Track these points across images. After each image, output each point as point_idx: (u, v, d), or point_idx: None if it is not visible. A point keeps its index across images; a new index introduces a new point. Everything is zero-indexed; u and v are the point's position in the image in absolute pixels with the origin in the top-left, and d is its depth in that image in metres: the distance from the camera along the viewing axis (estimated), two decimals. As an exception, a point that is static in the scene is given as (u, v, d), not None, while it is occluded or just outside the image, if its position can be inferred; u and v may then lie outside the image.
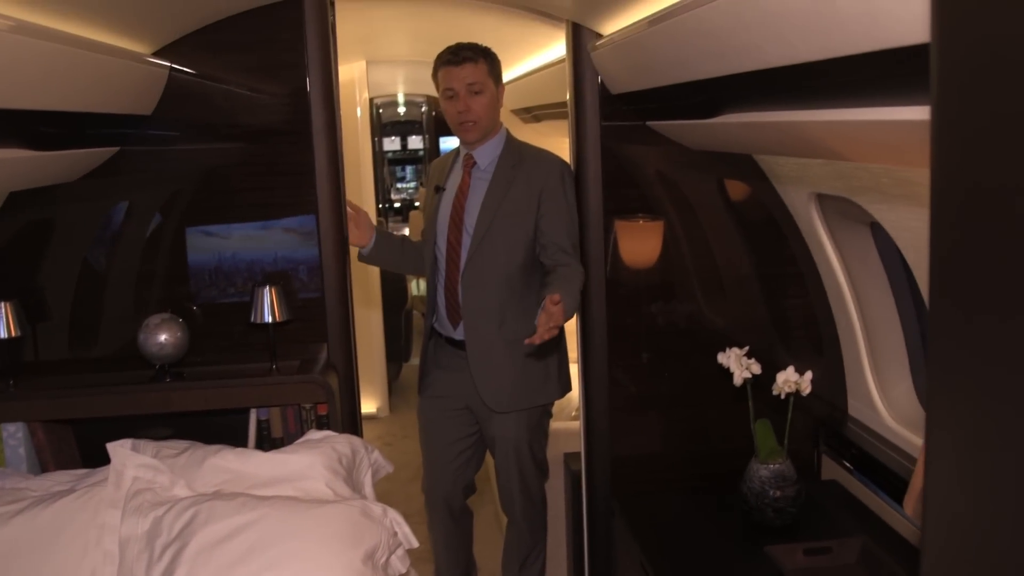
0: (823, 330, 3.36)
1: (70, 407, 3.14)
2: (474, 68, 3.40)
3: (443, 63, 3.44)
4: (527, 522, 3.69)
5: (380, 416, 7.00)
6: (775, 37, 1.87)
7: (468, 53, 3.40)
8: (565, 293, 3.06)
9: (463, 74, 3.40)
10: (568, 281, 3.24)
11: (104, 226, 3.49)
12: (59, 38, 2.21)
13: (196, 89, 3.32)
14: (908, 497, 2.06)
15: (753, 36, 1.97)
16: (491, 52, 3.46)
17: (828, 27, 1.63)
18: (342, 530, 2.64)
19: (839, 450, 3.31)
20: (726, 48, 2.17)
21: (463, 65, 3.40)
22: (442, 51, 3.46)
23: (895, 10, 1.40)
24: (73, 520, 2.67)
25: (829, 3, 1.57)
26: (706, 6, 2.09)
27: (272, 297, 3.23)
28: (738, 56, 2.13)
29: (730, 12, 2.00)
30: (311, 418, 3.25)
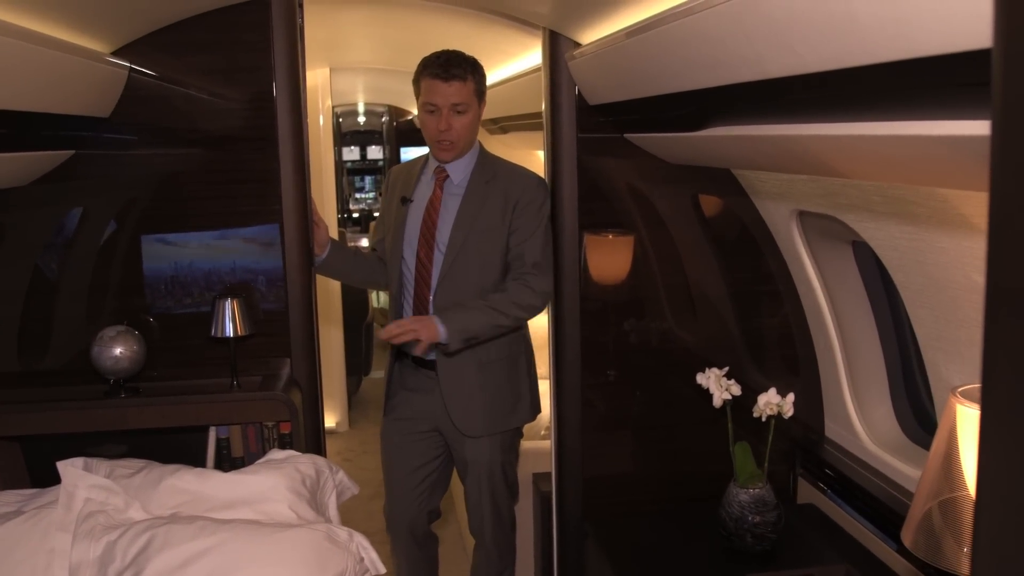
0: (800, 350, 3.32)
1: (19, 423, 3.03)
2: (462, 87, 3.25)
3: (430, 75, 3.27)
4: (496, 545, 3.60)
5: (340, 431, 6.90)
6: (780, 46, 1.79)
7: (459, 71, 3.24)
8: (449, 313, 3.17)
9: (449, 92, 3.25)
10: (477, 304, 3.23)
11: (57, 233, 3.37)
12: (12, 32, 2.11)
13: (156, 91, 3.21)
14: (906, 528, 1.98)
15: (755, 45, 1.89)
16: (479, 67, 3.32)
17: (845, 36, 1.54)
18: (307, 556, 2.54)
19: (816, 473, 3.26)
20: (721, 58, 2.09)
21: (451, 82, 3.24)
22: (429, 59, 3.30)
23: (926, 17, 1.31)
24: (20, 544, 2.57)
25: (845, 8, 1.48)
26: (700, 14, 2.01)
27: (234, 310, 3.14)
28: (734, 66, 2.05)
29: (729, 21, 1.91)
30: (273, 436, 3.16)
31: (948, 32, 1.30)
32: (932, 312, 2.48)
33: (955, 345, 2.42)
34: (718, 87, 2.24)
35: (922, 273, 2.42)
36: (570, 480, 3.55)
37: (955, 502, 1.82)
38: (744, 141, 2.46)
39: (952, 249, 2.22)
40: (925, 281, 2.43)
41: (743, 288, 3.41)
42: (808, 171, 2.44)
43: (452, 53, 3.28)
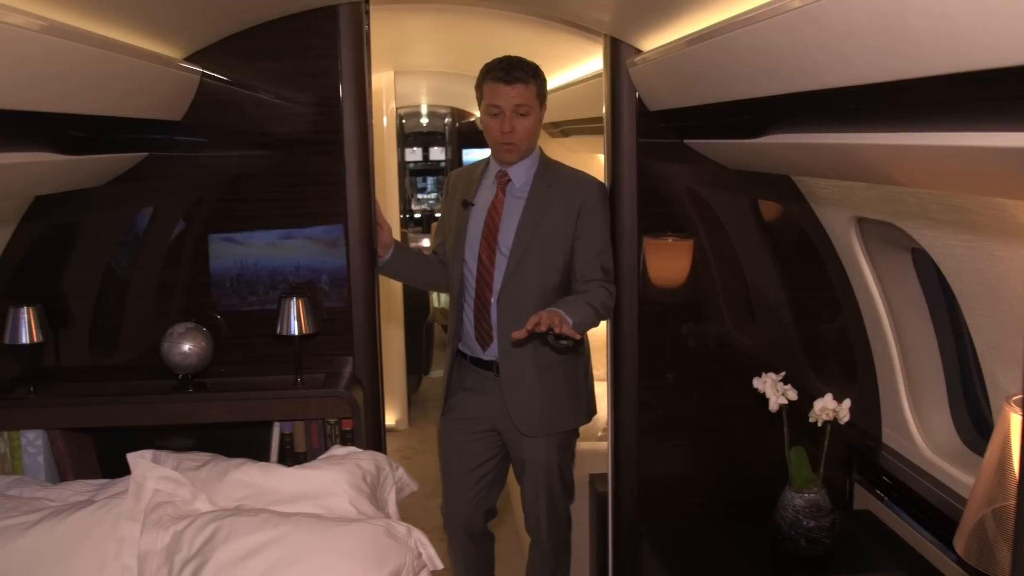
0: (858, 356, 3.31)
1: (92, 416, 3.11)
2: (524, 89, 3.30)
3: (492, 79, 3.33)
4: (551, 544, 3.63)
5: (399, 429, 6.97)
6: (837, 57, 1.81)
7: (521, 74, 3.29)
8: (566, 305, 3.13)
9: (512, 94, 3.30)
10: (580, 300, 3.23)
11: (128, 231, 3.46)
12: (91, 40, 2.17)
13: (227, 96, 3.28)
14: (959, 536, 1.98)
15: (812, 55, 1.91)
16: (540, 72, 3.36)
17: (899, 48, 1.56)
18: (366, 550, 2.58)
19: (873, 480, 3.24)
20: (779, 67, 2.10)
21: (514, 85, 3.29)
22: (492, 64, 3.35)
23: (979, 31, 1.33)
24: (91, 533, 2.63)
25: (900, 21, 1.50)
26: (759, 23, 2.03)
27: (299, 309, 3.20)
28: (793, 76, 2.07)
29: (788, 31, 1.94)
30: (335, 433, 3.20)
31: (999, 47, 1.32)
32: (990, 320, 2.47)
33: (1012, 354, 2.41)
34: (777, 95, 2.26)
35: (980, 281, 2.41)
36: (626, 481, 3.57)
37: (1009, 510, 1.82)
38: (802, 149, 2.47)
39: (1010, 258, 2.22)
40: (983, 289, 2.42)
41: (802, 294, 3.41)
42: (866, 179, 2.44)
43: (514, 58, 3.33)
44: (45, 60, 2.00)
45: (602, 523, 3.80)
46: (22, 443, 3.11)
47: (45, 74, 2.05)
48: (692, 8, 2.48)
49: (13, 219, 3.06)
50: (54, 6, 1.99)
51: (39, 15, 1.90)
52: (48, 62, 2.02)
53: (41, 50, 1.95)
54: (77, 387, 3.24)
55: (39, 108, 2.15)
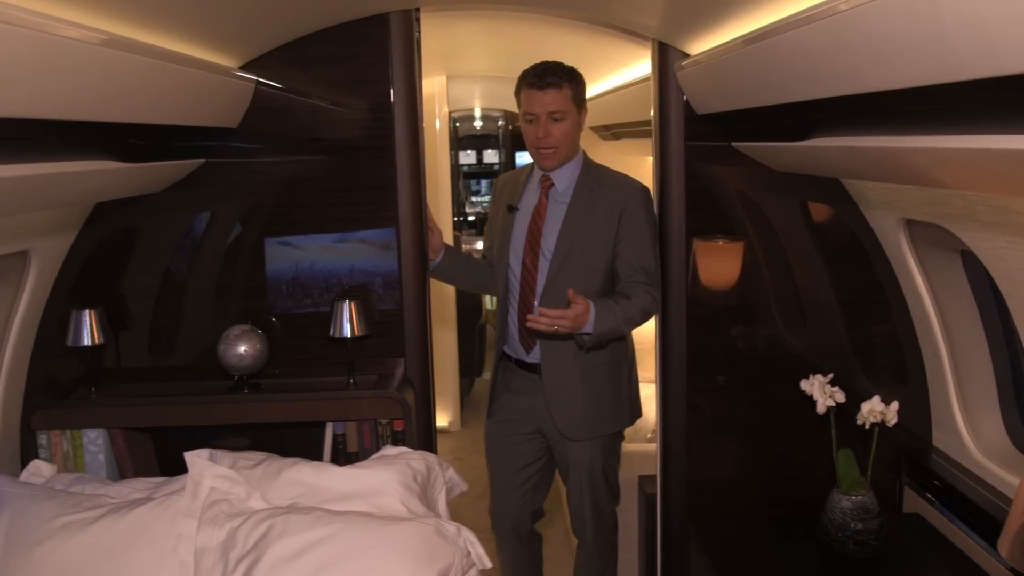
0: (908, 358, 3.29)
1: (150, 415, 3.19)
2: (557, 95, 3.30)
3: (527, 85, 3.35)
4: (598, 545, 3.65)
5: (452, 430, 7.01)
6: (877, 61, 1.83)
7: (553, 79, 3.30)
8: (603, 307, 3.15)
9: (545, 100, 3.31)
10: (616, 304, 3.25)
11: (186, 236, 3.54)
12: (150, 52, 2.24)
13: (281, 103, 3.35)
14: (1003, 538, 1.98)
15: (853, 59, 1.93)
16: (577, 75, 3.37)
17: (936, 52, 1.58)
18: (416, 548, 2.63)
19: (922, 482, 3.22)
20: (822, 71, 2.12)
21: (546, 91, 3.30)
22: (527, 71, 3.37)
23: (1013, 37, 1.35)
24: (150, 529, 2.70)
25: (937, 27, 1.52)
26: (803, 28, 2.05)
27: (352, 312, 3.24)
28: (835, 79, 2.08)
29: (829, 35, 1.95)
30: (387, 433, 3.25)
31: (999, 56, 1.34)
32: (1039, 323, 2.47)
33: (1061, 357, 2.41)
34: (822, 99, 2.27)
35: (1028, 283, 2.41)
36: (675, 483, 3.58)
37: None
38: (847, 151, 2.47)
39: (1058, 261, 2.22)
40: (1031, 291, 2.42)
41: (851, 296, 3.40)
42: (911, 181, 2.44)
43: (548, 63, 3.34)
44: (106, 73, 2.07)
45: (651, 524, 3.81)
46: (84, 442, 3.19)
47: (106, 86, 2.12)
48: (738, 13, 2.50)
49: (76, 225, 3.14)
50: (114, 20, 2.06)
51: (101, 29, 1.97)
52: (109, 74, 2.09)
53: (102, 63, 2.02)
54: (137, 388, 3.32)
55: (101, 118, 2.22)
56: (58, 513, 2.73)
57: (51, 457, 3.17)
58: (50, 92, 1.90)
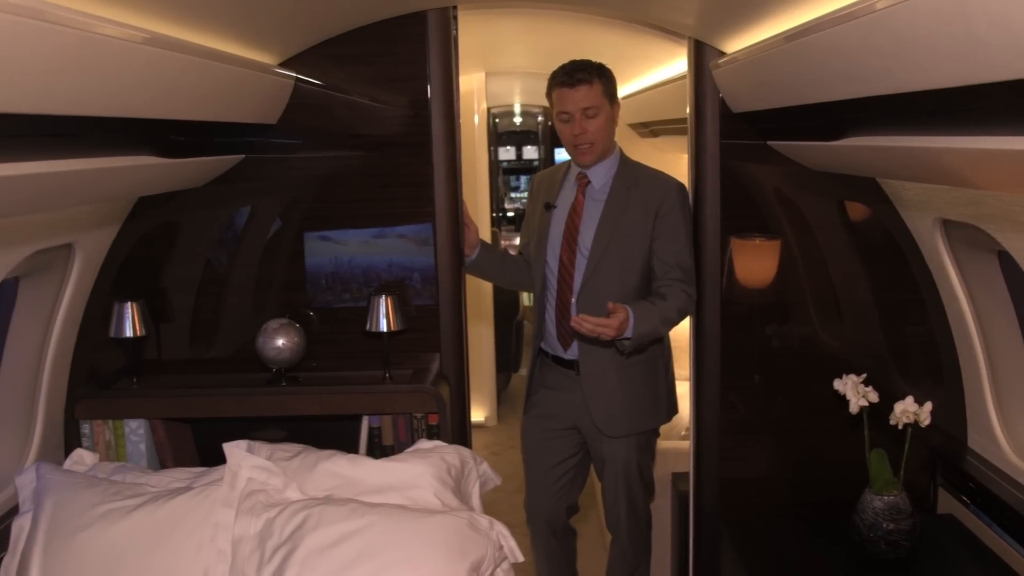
0: (944, 359, 3.27)
1: (190, 406, 3.23)
2: (589, 90, 3.33)
3: (557, 84, 3.39)
4: (631, 541, 3.67)
5: (488, 425, 7.05)
6: (907, 61, 1.83)
7: (582, 75, 3.33)
8: (641, 311, 3.16)
9: (577, 97, 3.34)
10: (653, 306, 3.26)
11: (226, 230, 3.59)
12: (191, 50, 2.28)
13: (320, 99, 3.39)
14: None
15: (887, 58, 1.93)
16: (606, 70, 3.40)
17: (965, 53, 1.58)
18: (449, 541, 2.66)
19: (957, 484, 3.21)
20: (858, 70, 2.12)
21: (577, 88, 3.34)
22: (556, 71, 3.40)
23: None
24: (189, 517, 2.75)
25: (965, 28, 1.53)
26: (839, 27, 2.05)
27: (388, 307, 3.27)
28: (870, 78, 2.09)
29: (865, 34, 1.96)
30: (422, 427, 3.28)
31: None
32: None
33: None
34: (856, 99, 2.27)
35: (1064, 285, 2.40)
36: (707, 480, 3.59)
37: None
38: (883, 151, 2.46)
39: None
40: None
41: (887, 296, 3.39)
42: (947, 182, 2.44)
43: (575, 62, 3.38)
44: (148, 70, 2.11)
45: (683, 521, 3.82)
46: (125, 431, 3.25)
47: (149, 83, 2.16)
48: (774, 12, 2.50)
49: (119, 219, 3.20)
50: (157, 19, 2.10)
51: (143, 28, 2.00)
52: (151, 72, 2.13)
53: (144, 61, 2.06)
54: (177, 379, 3.36)
55: (143, 115, 2.27)
56: (100, 501, 2.79)
57: (94, 446, 3.23)
58: (94, 89, 1.95)
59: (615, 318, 3.08)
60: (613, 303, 3.11)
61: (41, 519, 2.77)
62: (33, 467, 2.95)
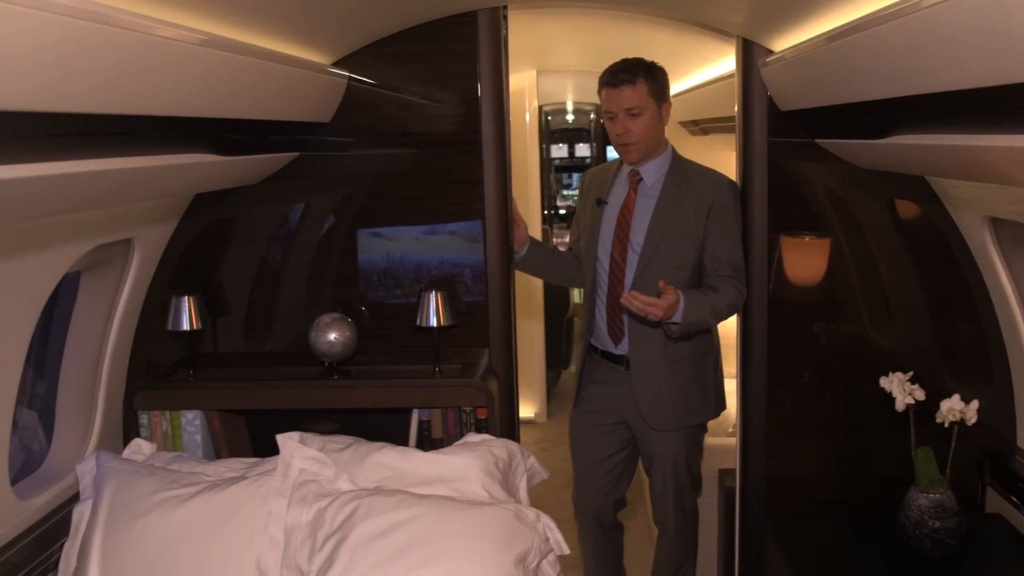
0: (993, 358, 3.25)
1: (245, 398, 3.30)
2: (632, 91, 3.36)
3: (604, 84, 3.42)
4: (678, 536, 3.69)
5: (538, 421, 7.07)
6: (949, 60, 1.84)
7: (625, 76, 3.36)
8: (692, 299, 3.18)
9: (621, 97, 3.37)
10: (705, 296, 3.27)
11: (281, 226, 3.65)
12: (247, 50, 2.34)
13: (372, 98, 3.44)
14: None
15: (927, 59, 1.94)
16: (655, 70, 3.42)
17: (1005, 52, 1.59)
18: (496, 532, 2.70)
19: (1006, 484, 3.19)
20: (899, 70, 2.14)
21: (621, 88, 3.37)
22: (604, 70, 3.44)
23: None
24: (243, 506, 2.81)
25: (1006, 27, 1.54)
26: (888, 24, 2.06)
27: (438, 302, 3.32)
28: (911, 78, 2.10)
29: (913, 31, 1.97)
30: (470, 421, 3.32)
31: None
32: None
33: None
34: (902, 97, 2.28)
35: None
36: (754, 477, 3.60)
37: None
38: (930, 150, 2.47)
39: None
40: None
41: (936, 294, 3.37)
42: (993, 180, 2.43)
43: (622, 61, 3.41)
44: (206, 71, 2.17)
45: (730, 517, 3.83)
46: (182, 422, 3.32)
47: (206, 83, 2.22)
48: (822, 10, 2.51)
49: (176, 215, 3.27)
50: (212, 20, 2.16)
51: (200, 30, 2.06)
52: (209, 73, 2.19)
53: (202, 62, 2.12)
54: (232, 372, 3.44)
55: (200, 115, 2.33)
56: (157, 489, 2.86)
57: (151, 436, 3.31)
58: (154, 90, 2.01)
59: (665, 299, 3.11)
60: (665, 284, 3.14)
61: (101, 506, 2.85)
62: (93, 456, 3.03)
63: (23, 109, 1.61)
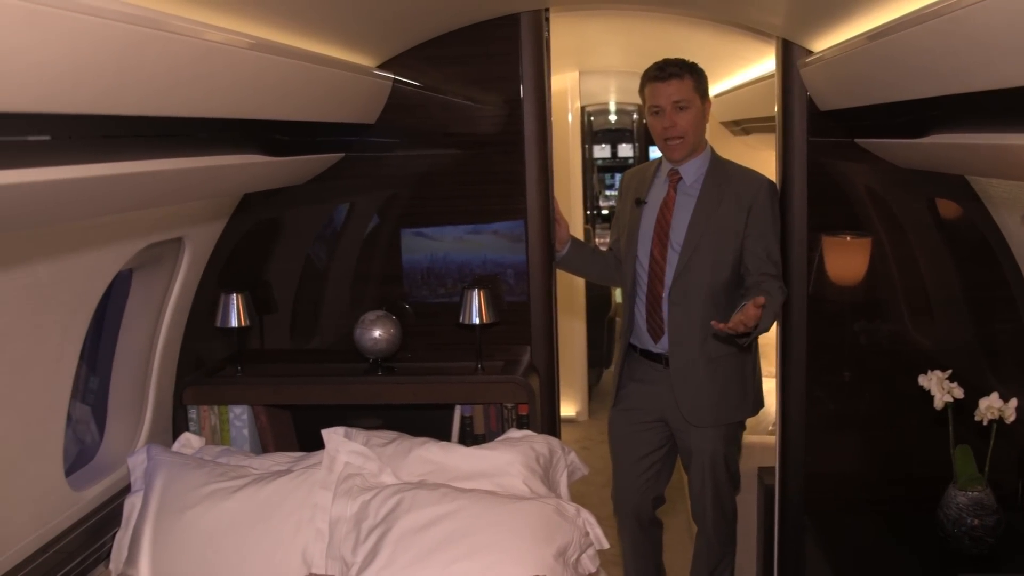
0: (1035, 357, 3.25)
1: (291, 394, 3.37)
2: (680, 84, 3.40)
3: (649, 79, 3.46)
4: (717, 533, 3.71)
5: (580, 420, 7.09)
6: (985, 60, 1.86)
7: (674, 69, 3.40)
8: (768, 304, 3.13)
9: (669, 91, 3.41)
10: (770, 295, 3.25)
11: (326, 226, 3.71)
12: (294, 54, 2.39)
13: (416, 99, 3.49)
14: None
15: (964, 58, 1.96)
16: (697, 67, 3.45)
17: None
18: (536, 526, 2.74)
19: (1047, 482, 3.19)
20: (937, 69, 2.15)
21: (669, 81, 3.40)
22: (648, 67, 3.47)
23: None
24: (289, 498, 2.88)
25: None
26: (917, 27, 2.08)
27: (480, 300, 3.35)
28: (949, 77, 2.11)
29: (941, 34, 1.99)
30: (512, 417, 3.35)
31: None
32: None
33: None
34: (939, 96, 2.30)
35: None
36: (793, 475, 3.60)
37: None
38: (968, 149, 2.48)
39: None
40: None
41: (977, 293, 3.36)
42: (1026, 179, 2.45)
43: (667, 59, 3.44)
44: (254, 74, 2.23)
45: (769, 515, 3.83)
46: (230, 417, 3.39)
47: (254, 87, 2.28)
48: (862, 10, 2.52)
49: (225, 214, 3.34)
50: (260, 24, 2.21)
51: (249, 34, 2.12)
52: (257, 76, 2.25)
53: (251, 66, 2.18)
54: (279, 368, 3.50)
55: (249, 116, 2.39)
56: (206, 481, 2.93)
57: (200, 431, 3.38)
58: (205, 93, 2.07)
59: (755, 310, 3.08)
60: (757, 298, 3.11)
61: (151, 497, 2.94)
62: (144, 449, 3.11)
63: (81, 112, 1.67)
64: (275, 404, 3.47)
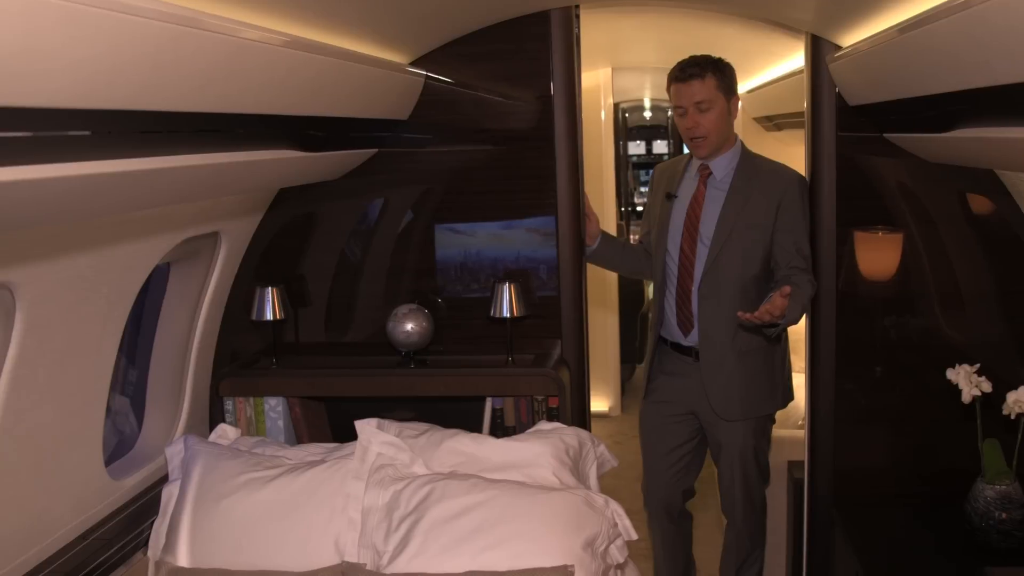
0: (1067, 352, 3.25)
1: (325, 386, 3.43)
2: (701, 85, 3.41)
3: (673, 80, 3.48)
4: (746, 526, 3.73)
5: (612, 415, 7.10)
6: (1011, 53, 1.87)
7: (694, 70, 3.41)
8: (795, 294, 3.14)
9: (690, 91, 3.42)
10: (798, 287, 3.27)
11: (360, 221, 3.76)
12: (327, 51, 2.43)
13: (448, 96, 3.53)
14: None
15: (992, 52, 1.97)
16: (722, 64, 3.46)
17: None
18: (565, 516, 2.77)
19: (1077, 478, 3.18)
20: (966, 62, 2.15)
21: (689, 83, 3.42)
22: (673, 67, 3.49)
23: None
24: (322, 488, 2.93)
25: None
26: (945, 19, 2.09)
27: (511, 294, 3.38)
28: (977, 70, 2.12)
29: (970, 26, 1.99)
30: (542, 409, 3.38)
31: None
32: None
33: None
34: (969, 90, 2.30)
35: None
36: (821, 469, 3.61)
37: None
38: (994, 143, 2.48)
39: None
40: None
41: (1007, 287, 3.36)
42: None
43: (691, 57, 3.45)
44: (289, 71, 2.27)
45: (798, 508, 3.85)
46: (265, 408, 3.45)
47: (289, 83, 2.33)
48: (890, 5, 2.53)
49: (261, 209, 3.39)
50: (295, 22, 2.25)
51: (284, 32, 2.17)
52: (291, 73, 2.29)
53: (285, 63, 2.22)
54: (313, 360, 3.56)
55: (284, 112, 2.43)
56: (242, 470, 2.99)
57: (236, 422, 3.44)
58: (240, 90, 2.11)
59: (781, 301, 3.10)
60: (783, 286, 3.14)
61: (189, 487, 2.99)
62: (181, 439, 3.17)
63: (120, 108, 1.72)
64: (309, 396, 3.53)
